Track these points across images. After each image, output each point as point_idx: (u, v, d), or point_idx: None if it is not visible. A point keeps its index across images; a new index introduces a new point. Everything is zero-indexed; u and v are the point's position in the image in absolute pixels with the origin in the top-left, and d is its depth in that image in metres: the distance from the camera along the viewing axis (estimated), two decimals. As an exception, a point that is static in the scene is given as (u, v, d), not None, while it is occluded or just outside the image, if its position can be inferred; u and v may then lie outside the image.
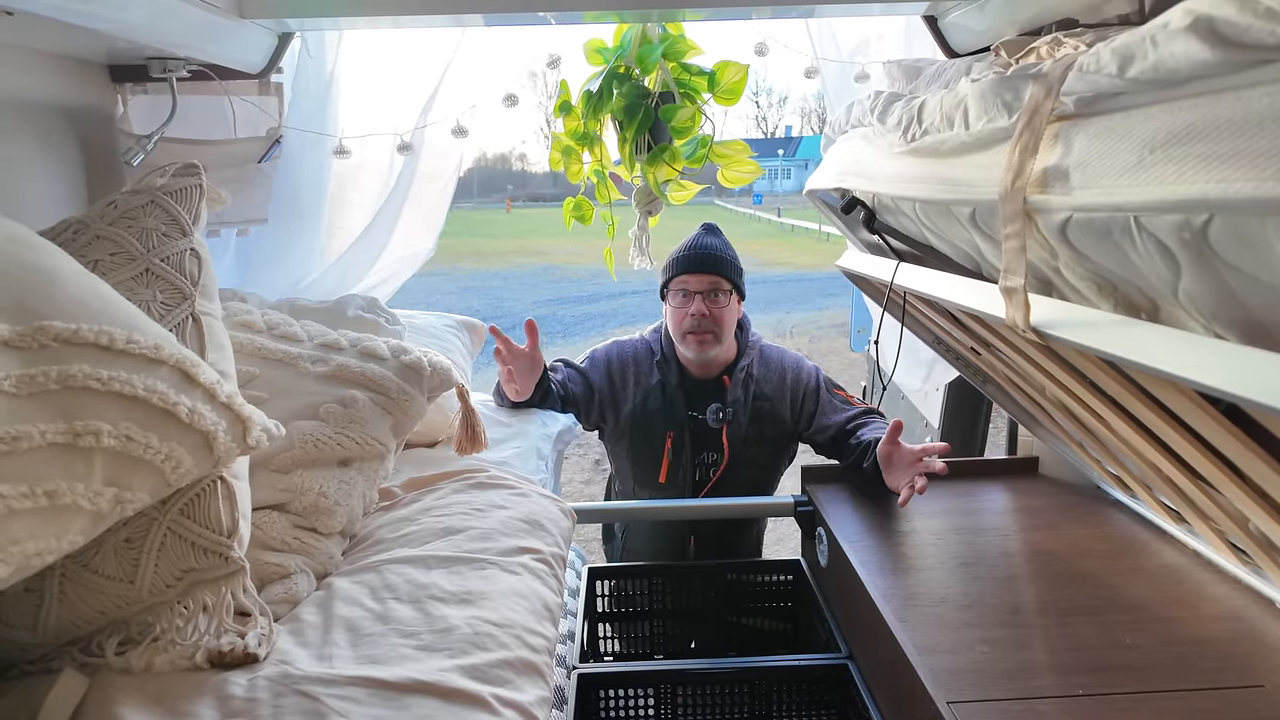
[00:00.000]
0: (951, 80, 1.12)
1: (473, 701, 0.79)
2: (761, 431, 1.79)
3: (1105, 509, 1.50)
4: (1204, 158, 0.52)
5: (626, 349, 1.87)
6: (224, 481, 0.85)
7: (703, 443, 1.80)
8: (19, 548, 0.65)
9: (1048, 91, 0.69)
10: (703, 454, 1.81)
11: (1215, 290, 0.57)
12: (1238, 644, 1.05)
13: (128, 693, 0.77)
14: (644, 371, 1.82)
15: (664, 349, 1.82)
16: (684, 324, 1.73)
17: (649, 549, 1.91)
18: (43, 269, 0.77)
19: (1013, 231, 0.76)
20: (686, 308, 1.72)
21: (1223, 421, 0.80)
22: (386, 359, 1.25)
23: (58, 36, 1.19)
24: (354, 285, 1.78)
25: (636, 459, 1.84)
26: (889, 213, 1.19)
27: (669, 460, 1.78)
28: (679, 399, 1.79)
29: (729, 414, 1.76)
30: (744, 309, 1.84)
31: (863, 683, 1.26)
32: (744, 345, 1.83)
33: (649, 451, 1.80)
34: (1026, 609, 1.17)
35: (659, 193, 1.55)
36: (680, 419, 1.78)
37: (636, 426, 1.80)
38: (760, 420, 1.79)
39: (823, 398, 1.81)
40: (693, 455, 1.80)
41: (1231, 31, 0.48)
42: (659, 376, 1.80)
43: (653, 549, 1.90)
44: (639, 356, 1.84)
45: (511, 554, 1.09)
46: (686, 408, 1.79)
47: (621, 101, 1.46)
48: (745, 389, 1.79)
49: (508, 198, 47.94)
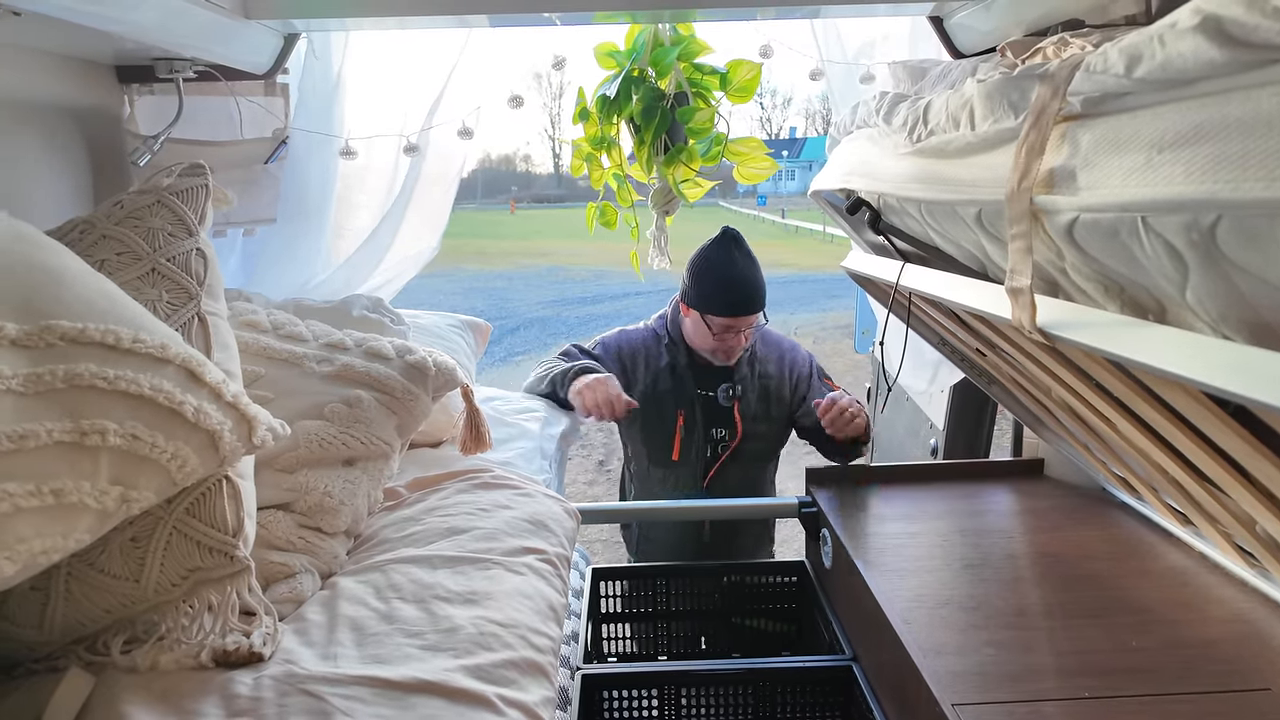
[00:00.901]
0: (957, 81, 1.12)
1: (477, 701, 0.79)
2: (768, 409, 1.88)
3: (1111, 511, 1.49)
4: (1212, 158, 0.52)
5: (634, 336, 1.94)
6: (229, 481, 0.85)
7: (713, 419, 1.87)
8: (25, 546, 0.65)
9: (1054, 92, 0.69)
10: (713, 430, 1.88)
11: (1223, 291, 0.57)
12: (1244, 647, 1.05)
13: (133, 691, 0.77)
14: (653, 355, 1.90)
15: (670, 333, 1.90)
16: (718, 348, 1.81)
17: (664, 526, 1.97)
18: (50, 268, 0.77)
19: (1019, 232, 0.76)
20: (726, 339, 1.79)
21: (1230, 423, 0.79)
22: (391, 359, 1.25)
23: (65, 37, 1.20)
24: (359, 286, 1.79)
25: (649, 439, 1.90)
26: (894, 213, 1.19)
27: (681, 437, 1.85)
28: (688, 378, 1.86)
29: (738, 391, 1.84)
30: None
31: (867, 685, 1.26)
32: None
33: (661, 431, 1.87)
34: (1032, 611, 1.17)
35: (679, 192, 1.56)
36: (690, 397, 1.86)
37: (648, 407, 1.86)
38: (767, 398, 1.88)
39: (814, 383, 1.91)
40: (704, 432, 1.87)
41: (1240, 31, 0.48)
42: (668, 359, 1.88)
43: (667, 526, 1.96)
44: (647, 341, 1.92)
45: (516, 554, 1.09)
46: (695, 386, 1.86)
47: (640, 105, 1.47)
48: (751, 367, 1.88)
49: (512, 199, 47.94)
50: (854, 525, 1.46)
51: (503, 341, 9.37)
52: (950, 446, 2.12)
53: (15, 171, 1.20)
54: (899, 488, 1.65)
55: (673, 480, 1.90)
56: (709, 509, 1.80)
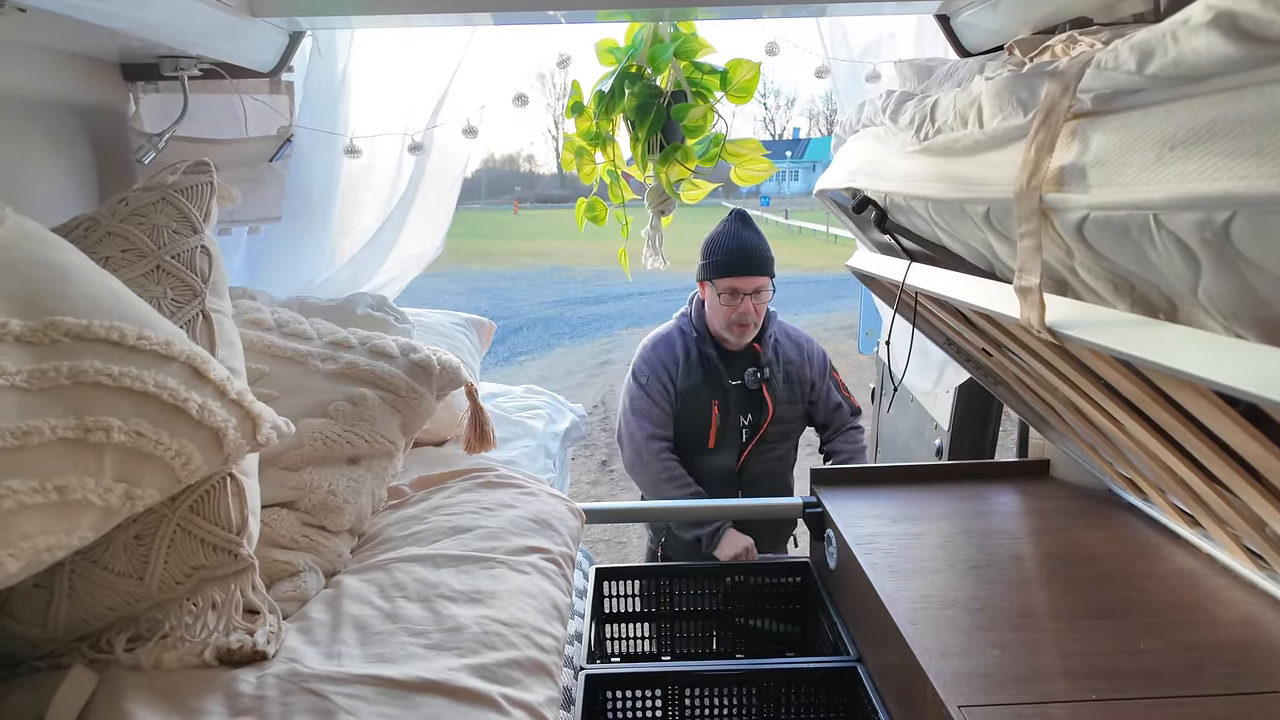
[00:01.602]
0: (964, 80, 1.11)
1: (481, 701, 0.79)
2: (793, 390, 2.04)
3: (1118, 512, 1.48)
4: (1226, 154, 0.51)
5: (665, 344, 2.03)
6: (233, 479, 0.85)
7: (745, 405, 2.00)
8: (29, 543, 0.65)
9: (1064, 89, 0.69)
10: (745, 414, 2.01)
11: (1236, 289, 0.57)
12: (1253, 649, 1.04)
13: (137, 689, 0.77)
14: (683, 354, 2.00)
15: (697, 328, 2.02)
16: (731, 318, 1.93)
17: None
18: (55, 265, 0.77)
19: (1028, 230, 0.75)
20: (735, 306, 1.92)
21: (1241, 423, 0.79)
22: (396, 357, 1.24)
23: (71, 35, 1.20)
24: (364, 284, 1.78)
25: (685, 430, 2.01)
26: (901, 212, 1.18)
27: (717, 425, 1.97)
28: (720, 369, 1.98)
29: (765, 374, 1.99)
30: None
31: (872, 686, 1.25)
32: (767, 316, 2.03)
33: (697, 421, 1.99)
34: (1038, 612, 1.16)
35: (672, 192, 1.55)
36: (724, 387, 1.98)
37: (686, 401, 1.97)
38: (790, 380, 2.04)
39: (826, 375, 2.10)
40: (738, 418, 2.00)
41: (1254, 26, 0.47)
42: (697, 352, 2.00)
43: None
44: (675, 343, 2.03)
45: (520, 553, 1.09)
46: (728, 377, 1.99)
47: (633, 101, 1.46)
48: (775, 352, 2.03)
49: (515, 199, 48.00)
50: (859, 526, 1.45)
51: (506, 341, 9.38)
52: (955, 447, 2.11)
53: (21, 168, 1.20)
54: (904, 488, 1.64)
55: (705, 467, 2.00)
56: (719, 509, 1.84)
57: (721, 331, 1.97)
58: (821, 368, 2.09)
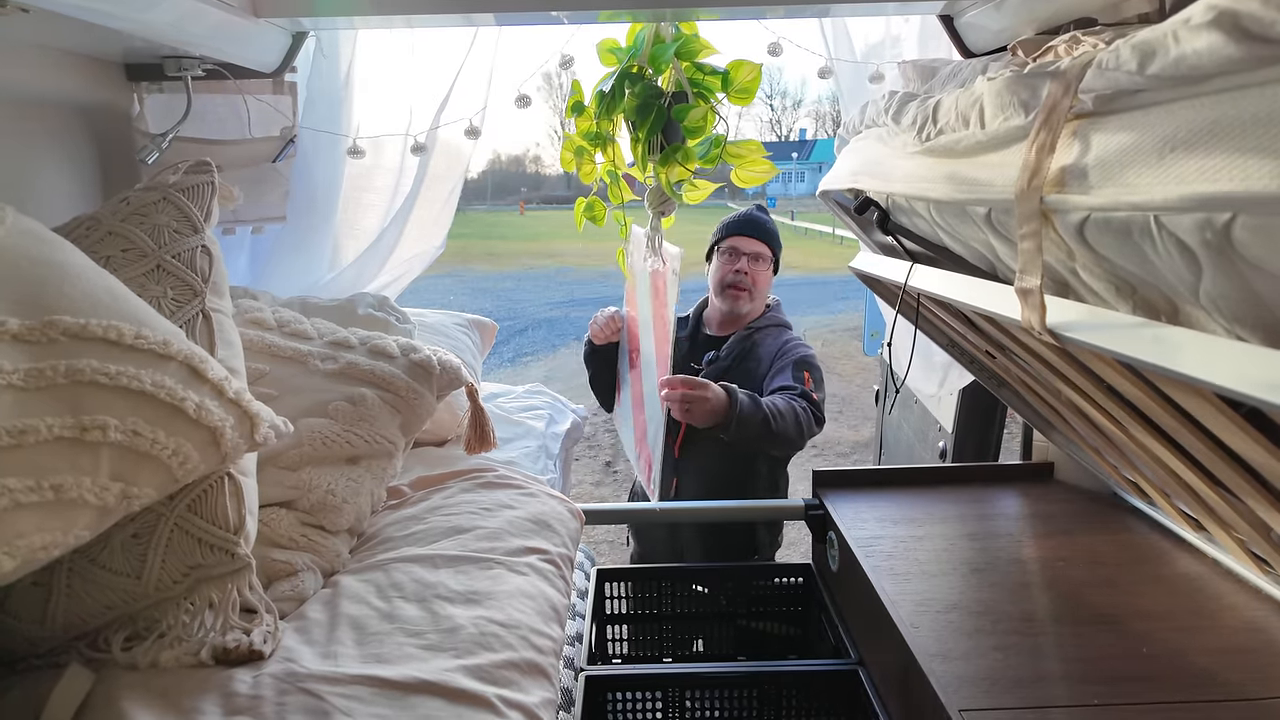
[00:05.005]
0: (967, 80, 1.11)
1: (477, 702, 0.79)
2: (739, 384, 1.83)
3: (1122, 516, 1.47)
4: (1228, 155, 0.51)
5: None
6: (231, 478, 0.85)
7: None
8: (25, 541, 0.65)
9: (1066, 89, 0.68)
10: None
11: (1238, 291, 0.56)
12: (1258, 655, 1.03)
13: (133, 688, 0.77)
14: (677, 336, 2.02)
15: (692, 314, 2.08)
16: (727, 277, 1.96)
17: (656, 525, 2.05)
18: (54, 264, 0.77)
19: (1029, 232, 0.75)
20: (733, 264, 1.96)
21: (1244, 426, 0.78)
22: (396, 357, 1.24)
23: (75, 35, 1.20)
24: (366, 284, 1.79)
25: None
26: (903, 213, 1.17)
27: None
28: (685, 349, 2.02)
29: (716, 358, 1.97)
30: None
31: (873, 689, 1.24)
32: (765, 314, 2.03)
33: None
34: (1040, 616, 1.16)
35: (671, 193, 1.54)
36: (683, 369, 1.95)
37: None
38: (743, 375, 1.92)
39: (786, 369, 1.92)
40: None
41: (1256, 26, 0.47)
42: (683, 333, 2.04)
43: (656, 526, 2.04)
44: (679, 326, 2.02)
45: (519, 554, 1.08)
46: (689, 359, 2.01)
47: (634, 101, 1.45)
48: (742, 345, 1.97)
49: (521, 200, 48.03)
50: (861, 528, 1.45)
51: (510, 342, 9.38)
52: (959, 450, 2.11)
53: (24, 167, 1.20)
54: (907, 491, 1.64)
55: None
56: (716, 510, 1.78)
57: (718, 299, 2.00)
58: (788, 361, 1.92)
